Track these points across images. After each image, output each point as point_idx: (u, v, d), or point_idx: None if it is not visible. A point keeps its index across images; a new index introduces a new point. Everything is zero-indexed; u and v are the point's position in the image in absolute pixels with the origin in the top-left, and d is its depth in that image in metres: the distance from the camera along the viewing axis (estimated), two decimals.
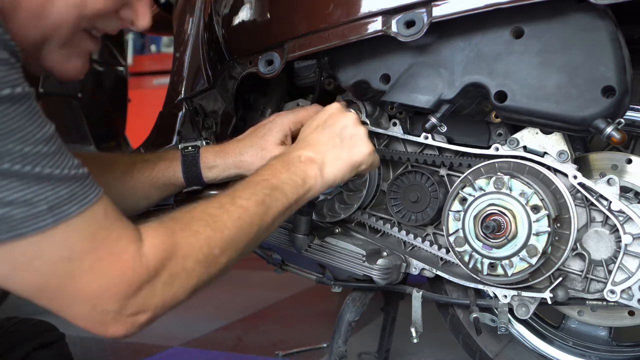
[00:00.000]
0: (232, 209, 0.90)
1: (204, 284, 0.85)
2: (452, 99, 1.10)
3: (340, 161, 1.08)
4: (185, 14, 1.54)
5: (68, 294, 0.73)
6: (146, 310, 0.78)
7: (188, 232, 0.83)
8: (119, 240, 0.75)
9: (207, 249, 0.84)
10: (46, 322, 1.29)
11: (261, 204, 0.94)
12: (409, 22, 1.06)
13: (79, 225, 0.71)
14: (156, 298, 0.78)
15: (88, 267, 0.72)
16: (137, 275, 0.75)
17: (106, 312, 0.74)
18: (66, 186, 0.70)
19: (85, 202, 0.72)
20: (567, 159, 1.11)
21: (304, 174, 1.03)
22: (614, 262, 1.10)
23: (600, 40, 0.98)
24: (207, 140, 1.36)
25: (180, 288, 0.81)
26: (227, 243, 0.87)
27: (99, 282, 0.73)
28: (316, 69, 1.30)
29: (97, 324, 0.76)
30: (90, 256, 0.72)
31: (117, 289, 0.74)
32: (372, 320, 2.07)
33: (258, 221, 0.93)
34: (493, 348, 1.32)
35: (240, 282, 3.05)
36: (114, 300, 0.74)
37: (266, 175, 1.00)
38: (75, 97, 2.20)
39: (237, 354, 1.89)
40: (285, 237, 1.34)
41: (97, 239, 0.73)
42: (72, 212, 0.70)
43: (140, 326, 0.79)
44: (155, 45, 5.63)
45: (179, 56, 1.55)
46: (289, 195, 0.99)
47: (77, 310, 0.74)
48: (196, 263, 0.82)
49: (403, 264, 1.27)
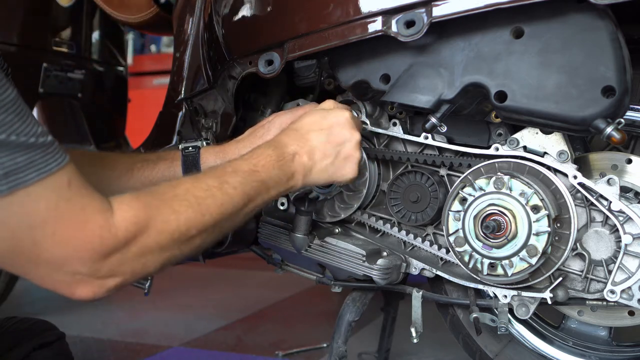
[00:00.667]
0: (218, 195, 0.91)
1: (176, 259, 0.86)
2: (452, 99, 1.10)
3: (325, 174, 1.10)
4: (185, 14, 1.55)
5: (32, 258, 0.73)
6: (115, 275, 0.78)
7: (167, 209, 0.83)
8: (84, 209, 0.75)
9: (184, 229, 0.84)
10: (46, 322, 1.29)
11: (246, 195, 0.95)
12: (409, 22, 1.06)
13: (39, 193, 0.71)
14: (126, 266, 0.79)
15: (50, 234, 0.72)
16: (104, 244, 0.75)
17: (73, 274, 0.75)
18: (24, 153, 0.70)
19: (45, 170, 0.71)
20: (567, 159, 1.11)
21: (291, 174, 1.05)
22: (614, 262, 1.10)
23: (600, 40, 0.99)
24: (207, 140, 1.36)
25: (151, 261, 0.82)
26: (206, 227, 0.88)
27: (62, 250, 0.73)
28: (316, 69, 1.30)
29: (64, 285, 0.76)
30: (53, 224, 0.72)
31: (82, 255, 0.74)
32: (372, 320, 2.07)
33: (239, 211, 0.94)
34: (493, 348, 1.32)
35: (240, 282, 3.05)
36: (80, 265, 0.74)
37: (259, 166, 1.01)
38: (75, 97, 2.20)
39: (237, 354, 1.89)
40: (285, 237, 1.34)
41: (60, 207, 0.73)
42: (30, 179, 0.70)
43: (108, 290, 0.79)
44: (155, 45, 5.62)
45: (179, 56, 1.55)
46: (272, 192, 1.02)
47: (43, 272, 0.75)
48: (171, 240, 0.83)
49: (403, 264, 1.27)
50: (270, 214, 1.42)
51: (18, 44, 1.98)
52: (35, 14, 2.06)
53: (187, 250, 0.87)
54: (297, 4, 1.19)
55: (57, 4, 2.13)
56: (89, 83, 2.27)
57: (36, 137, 0.72)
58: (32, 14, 2.04)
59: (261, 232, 1.41)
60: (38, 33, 2.06)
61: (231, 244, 1.46)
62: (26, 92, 1.99)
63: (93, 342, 2.03)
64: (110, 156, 1.27)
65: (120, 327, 2.24)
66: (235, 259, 2.23)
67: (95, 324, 2.26)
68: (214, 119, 1.46)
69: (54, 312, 2.41)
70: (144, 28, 2.10)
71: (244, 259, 2.53)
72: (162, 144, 1.59)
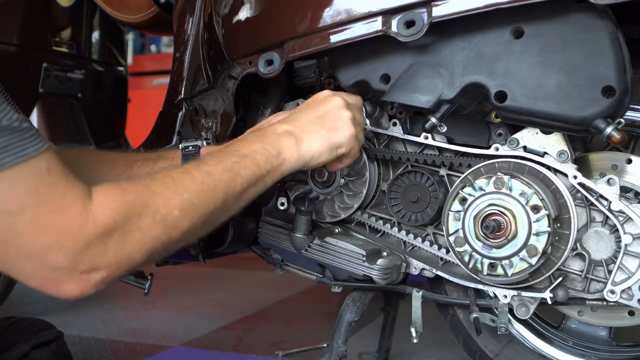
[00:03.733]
0: (195, 174, 0.89)
1: (164, 246, 0.83)
2: (452, 99, 1.10)
3: (319, 137, 1.06)
4: (185, 14, 1.55)
5: (13, 251, 0.71)
6: (99, 268, 0.75)
7: (145, 193, 0.81)
8: (63, 196, 0.73)
9: (164, 210, 0.82)
10: (44, 321, 1.29)
11: (228, 171, 0.92)
12: (409, 22, 1.06)
13: (16, 177, 0.70)
14: (109, 256, 0.76)
15: (29, 222, 0.70)
16: (84, 232, 0.73)
17: (57, 269, 0.73)
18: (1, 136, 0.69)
19: (23, 155, 0.70)
20: (567, 159, 1.11)
21: (279, 145, 1.01)
22: (614, 262, 1.10)
23: (600, 40, 0.98)
24: (207, 140, 1.37)
25: (136, 248, 0.79)
26: (188, 206, 0.85)
27: (42, 238, 0.71)
28: (316, 69, 1.30)
29: (49, 282, 0.74)
30: (32, 211, 0.70)
31: (62, 244, 0.72)
32: (372, 320, 2.07)
33: (224, 187, 0.91)
34: (493, 348, 1.32)
35: (240, 282, 3.05)
36: (62, 256, 0.72)
37: (237, 145, 0.99)
38: (75, 97, 2.20)
39: (237, 354, 1.89)
40: (285, 237, 1.34)
41: (39, 193, 0.71)
42: (6, 162, 0.68)
43: (96, 285, 0.76)
44: (155, 45, 5.62)
45: (179, 56, 1.55)
46: (261, 165, 0.97)
47: (27, 267, 0.73)
48: (153, 223, 0.80)
49: (403, 264, 1.27)
50: (270, 214, 1.42)
51: (18, 43, 1.98)
52: (35, 14, 2.06)
53: (175, 235, 0.84)
54: (297, 4, 1.18)
55: (57, 4, 2.13)
56: (89, 83, 2.27)
57: (12, 121, 0.70)
58: (32, 13, 2.04)
59: (261, 232, 1.41)
60: (38, 33, 2.06)
61: (231, 244, 1.46)
62: (26, 92, 1.99)
63: (93, 342, 2.03)
64: (110, 154, 1.27)
65: (120, 327, 2.24)
66: (235, 259, 2.23)
67: (95, 324, 2.26)
68: (214, 119, 1.46)
69: (54, 312, 2.41)
70: (144, 28, 2.10)
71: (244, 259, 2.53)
72: (162, 143, 1.59)
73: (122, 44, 2.52)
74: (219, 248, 1.48)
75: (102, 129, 2.33)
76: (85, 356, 1.89)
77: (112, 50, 2.45)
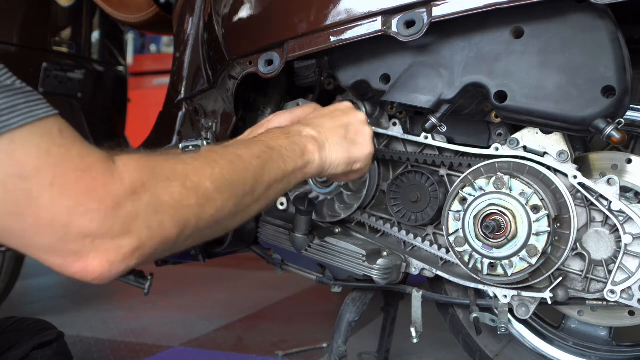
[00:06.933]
0: (223, 153, 0.83)
1: (197, 221, 0.75)
2: (452, 99, 1.10)
3: (341, 148, 1.04)
4: (185, 14, 1.55)
5: (30, 222, 0.63)
6: (129, 232, 0.66)
7: (172, 160, 0.75)
8: (82, 157, 0.66)
9: (196, 178, 0.75)
10: (45, 322, 1.29)
11: (257, 158, 0.87)
12: (409, 22, 1.06)
13: (26, 138, 0.63)
14: (139, 220, 0.67)
15: (47, 184, 0.62)
16: (111, 191, 0.65)
17: (82, 236, 0.64)
18: (5, 96, 0.62)
19: (31, 116, 0.63)
20: (567, 159, 1.11)
21: (304, 147, 0.98)
22: (614, 262, 1.10)
23: (600, 40, 0.98)
24: (207, 140, 1.36)
25: (167, 215, 0.70)
26: (220, 180, 0.78)
27: (63, 201, 0.63)
28: (316, 69, 1.30)
29: (72, 257, 0.64)
30: (48, 172, 0.63)
31: (87, 206, 0.63)
32: (372, 320, 2.07)
33: (253, 172, 0.85)
34: (493, 348, 1.32)
35: (240, 282, 3.05)
36: (87, 220, 0.63)
37: (263, 137, 0.95)
38: (75, 97, 2.20)
39: (237, 354, 1.89)
40: (285, 237, 1.34)
41: (53, 154, 0.64)
42: (14, 123, 0.62)
43: (126, 256, 0.67)
44: (155, 45, 5.63)
45: (179, 56, 1.55)
46: (287, 161, 0.93)
47: (46, 240, 0.64)
48: (184, 189, 0.73)
49: (403, 264, 1.27)
50: (270, 214, 1.42)
51: (18, 43, 1.98)
52: (35, 14, 2.06)
53: (209, 211, 0.76)
54: (297, 4, 1.19)
55: (57, 4, 2.13)
56: (89, 83, 2.26)
57: (14, 81, 0.64)
58: (31, 13, 2.04)
59: (261, 232, 1.41)
60: (38, 33, 2.06)
61: (231, 244, 1.46)
62: None
63: (93, 342, 2.03)
64: None
65: (120, 327, 2.24)
66: (235, 259, 2.23)
67: (95, 324, 2.26)
68: (214, 119, 1.46)
69: (54, 312, 2.42)
70: (144, 28, 2.10)
71: (244, 259, 2.54)
72: (162, 144, 1.59)
73: (122, 44, 2.52)
74: (219, 248, 1.48)
75: (101, 129, 2.33)
76: (85, 356, 1.89)
77: (112, 50, 2.45)
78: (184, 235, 0.74)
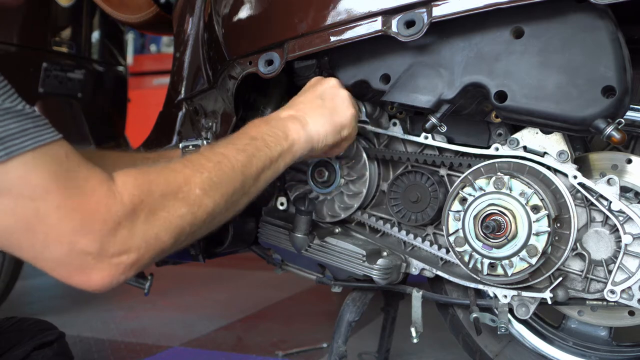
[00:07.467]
0: (210, 155, 0.89)
1: (190, 227, 0.83)
2: (452, 99, 1.10)
3: (323, 118, 1.07)
4: (185, 14, 1.55)
5: (39, 236, 0.69)
6: (128, 250, 0.74)
7: (165, 172, 0.82)
8: (87, 180, 0.72)
9: (186, 188, 0.82)
10: (45, 322, 1.29)
11: (242, 152, 0.93)
12: (409, 22, 1.06)
13: (37, 162, 0.69)
14: (137, 237, 0.75)
15: (55, 206, 0.69)
16: (112, 212, 0.72)
17: (85, 254, 0.71)
18: (16, 120, 0.68)
19: (40, 140, 0.69)
20: (567, 159, 1.11)
21: (285, 128, 1.02)
22: (614, 262, 1.10)
23: (600, 40, 0.98)
24: (207, 140, 1.36)
25: (162, 228, 0.78)
26: (209, 185, 0.85)
27: (69, 221, 0.70)
28: (316, 69, 1.30)
29: (77, 271, 0.72)
30: (56, 195, 0.69)
31: (91, 227, 0.71)
32: (372, 320, 2.07)
33: (241, 167, 0.91)
34: (493, 348, 1.32)
35: (240, 282, 3.05)
36: (90, 240, 0.71)
37: (246, 129, 1.00)
38: (75, 97, 2.20)
39: (237, 354, 1.89)
40: (285, 237, 1.34)
41: (60, 177, 0.70)
42: (25, 146, 0.68)
43: (125, 270, 0.75)
44: (155, 45, 5.63)
45: (179, 56, 1.55)
46: (272, 147, 0.98)
47: (54, 255, 0.71)
48: (176, 201, 0.80)
49: (403, 264, 1.27)
50: (270, 214, 1.42)
51: (18, 43, 1.98)
52: (35, 14, 2.06)
53: (200, 215, 0.83)
54: (297, 4, 1.18)
55: (57, 4, 2.13)
56: (89, 83, 2.26)
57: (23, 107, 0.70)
58: (31, 13, 2.04)
59: (261, 232, 1.41)
60: (38, 33, 2.06)
61: (231, 244, 1.46)
62: (26, 92, 1.99)
63: (93, 342, 2.03)
64: (110, 154, 1.28)
65: (120, 327, 2.24)
66: (235, 259, 2.23)
67: (95, 324, 2.26)
68: (214, 119, 1.46)
69: (54, 312, 2.42)
70: (144, 28, 2.10)
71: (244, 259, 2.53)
72: (162, 143, 1.59)
73: (122, 44, 2.52)
74: (219, 248, 1.48)
75: (102, 129, 2.33)
76: (85, 356, 1.89)
77: (112, 50, 2.45)
78: (179, 242, 0.82)
